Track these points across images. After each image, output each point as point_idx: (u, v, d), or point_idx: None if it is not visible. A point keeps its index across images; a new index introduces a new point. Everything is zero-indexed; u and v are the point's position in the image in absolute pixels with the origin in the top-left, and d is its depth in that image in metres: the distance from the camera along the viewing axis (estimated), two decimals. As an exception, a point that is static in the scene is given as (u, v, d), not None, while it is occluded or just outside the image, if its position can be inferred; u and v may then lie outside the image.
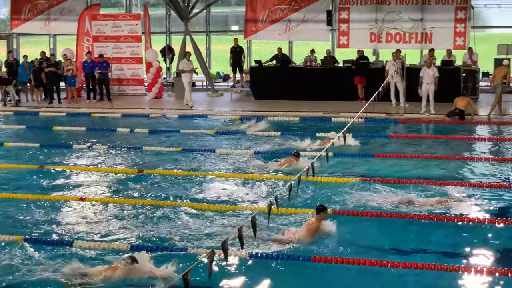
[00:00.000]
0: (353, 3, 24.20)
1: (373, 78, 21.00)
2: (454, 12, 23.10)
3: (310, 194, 12.55)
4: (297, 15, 24.67)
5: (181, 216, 11.59)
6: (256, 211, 10.94)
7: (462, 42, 23.09)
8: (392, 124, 19.35)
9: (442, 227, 10.83)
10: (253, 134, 18.22)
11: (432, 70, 20.15)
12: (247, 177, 13.98)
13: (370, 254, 9.84)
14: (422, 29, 23.47)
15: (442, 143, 16.69)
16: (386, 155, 15.42)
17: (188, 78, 22.39)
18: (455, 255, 9.84)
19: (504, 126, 18.64)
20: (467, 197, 12.25)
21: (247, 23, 25.35)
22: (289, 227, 10.70)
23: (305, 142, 16.74)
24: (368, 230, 10.80)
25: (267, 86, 23.14)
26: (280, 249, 9.89)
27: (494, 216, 11.26)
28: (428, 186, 12.99)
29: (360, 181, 13.30)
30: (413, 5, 23.50)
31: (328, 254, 9.75)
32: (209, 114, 21.30)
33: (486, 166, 14.49)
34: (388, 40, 23.92)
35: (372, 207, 11.82)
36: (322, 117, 20.05)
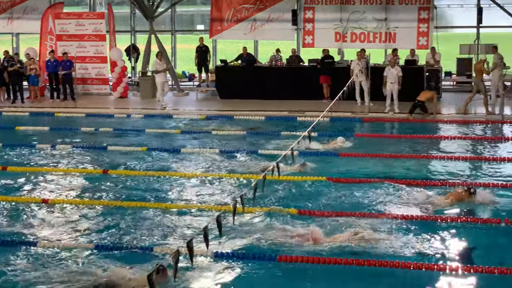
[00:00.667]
0: (318, 3, 24.31)
1: (338, 78, 21.13)
2: (417, 12, 23.34)
3: (275, 193, 12.58)
4: (263, 14, 24.70)
5: (146, 216, 11.54)
6: (222, 210, 10.96)
7: (425, 41, 23.34)
8: (357, 123, 19.49)
9: (408, 226, 10.94)
10: (219, 133, 18.22)
11: (396, 70, 20.35)
12: (213, 176, 13.97)
13: (335, 253, 9.90)
14: (386, 29, 23.67)
15: (406, 142, 16.85)
16: (351, 154, 15.53)
17: (162, 78, 22.19)
18: (420, 254, 9.95)
19: (467, 124, 18.88)
20: (431, 196, 12.42)
21: (213, 22, 25.31)
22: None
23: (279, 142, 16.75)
24: (333, 229, 10.85)
25: (233, 85, 23.14)
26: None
27: (456, 215, 11.42)
28: (392, 184, 13.12)
29: (325, 180, 13.40)
30: (377, 5, 23.69)
31: (294, 254, 9.80)
32: (174, 114, 21.22)
33: (448, 165, 14.68)
34: (353, 40, 24.07)
35: (336, 206, 11.90)
36: (288, 116, 20.13)
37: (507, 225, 10.82)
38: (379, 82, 20.70)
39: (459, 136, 17.45)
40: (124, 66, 24.93)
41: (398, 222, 10.98)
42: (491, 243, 10.28)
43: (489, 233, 10.62)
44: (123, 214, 11.64)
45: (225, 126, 19.23)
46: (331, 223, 10.93)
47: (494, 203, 11.70)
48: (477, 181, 13.30)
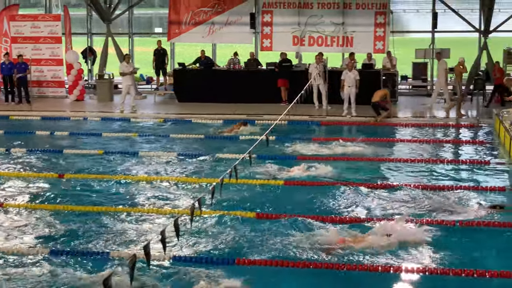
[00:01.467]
0: (276, 6, 24.38)
1: (296, 81, 21.23)
2: (374, 16, 23.58)
3: (233, 196, 12.58)
4: (221, 17, 24.68)
5: (102, 220, 11.43)
6: (179, 213, 10.93)
7: (381, 46, 23.58)
8: (315, 127, 19.59)
9: (363, 227, 11.03)
10: (177, 137, 18.15)
11: (353, 73, 20.52)
12: (171, 180, 13.91)
13: (292, 255, 9.94)
14: (344, 33, 23.86)
15: (364, 145, 16.99)
16: (309, 157, 15.60)
17: (129, 81, 21.89)
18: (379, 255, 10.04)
19: (423, 127, 19.13)
20: (391, 198, 12.56)
21: (171, 25, 25.20)
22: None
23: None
24: (291, 232, 10.89)
25: (191, 88, 23.07)
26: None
27: (413, 216, 11.56)
28: (349, 187, 13.22)
29: (283, 184, 13.45)
30: (335, 10, 23.86)
31: (251, 257, 9.81)
32: (132, 117, 21.06)
33: (407, 167, 14.85)
34: (311, 43, 24.20)
35: (294, 210, 11.96)
36: (246, 119, 20.12)
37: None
38: (336, 85, 20.85)
39: (415, 140, 17.65)
40: (80, 69, 24.66)
41: (358, 225, 11.09)
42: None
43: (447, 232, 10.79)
44: (79, 218, 11.51)
45: (183, 129, 19.16)
46: (286, 226, 10.97)
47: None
48: (425, 182, 13.50)
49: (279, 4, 24.33)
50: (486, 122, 19.20)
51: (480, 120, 19.37)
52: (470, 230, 10.85)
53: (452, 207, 11.95)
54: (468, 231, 10.78)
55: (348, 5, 23.77)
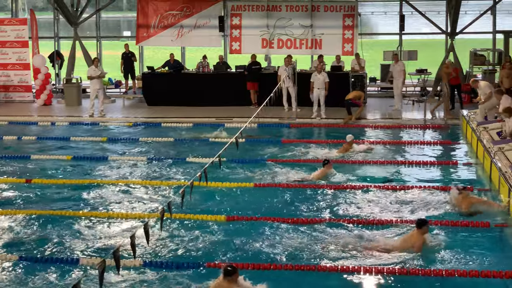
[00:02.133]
0: (245, 9, 24.39)
1: (265, 84, 21.23)
2: (342, 19, 23.71)
3: (203, 200, 12.55)
4: (189, 20, 24.61)
5: (72, 225, 11.34)
6: (149, 217, 10.87)
7: (350, 48, 23.72)
8: (285, 129, 19.63)
9: (331, 229, 11.09)
10: (146, 141, 18.05)
11: (323, 76, 20.61)
12: (140, 184, 13.84)
13: (263, 258, 9.95)
14: (312, 35, 23.95)
15: (334, 147, 17.07)
16: (279, 160, 15.63)
17: (96, 85, 21.66)
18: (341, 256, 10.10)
19: (391, 129, 19.26)
20: (360, 199, 12.65)
21: (139, 28, 25.07)
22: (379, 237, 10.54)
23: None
24: (262, 235, 10.90)
25: (160, 92, 22.96)
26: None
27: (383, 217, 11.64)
28: (319, 189, 13.28)
29: (253, 187, 13.47)
30: (303, 12, 23.95)
31: (223, 260, 9.80)
32: (100, 121, 20.89)
33: (378, 169, 14.94)
34: (280, 46, 24.26)
35: (266, 212, 11.98)
36: (216, 122, 20.11)
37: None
38: (306, 88, 20.91)
39: (384, 141, 17.76)
40: (47, 73, 24.41)
41: (325, 226, 11.14)
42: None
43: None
44: (48, 224, 11.39)
45: (153, 133, 19.08)
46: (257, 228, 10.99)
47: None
48: (394, 184, 13.62)
49: (248, 7, 24.36)
50: (453, 123, 19.40)
51: (448, 121, 19.58)
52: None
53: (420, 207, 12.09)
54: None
55: (317, 7, 23.88)
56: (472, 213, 11.53)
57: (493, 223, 11.18)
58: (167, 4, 24.95)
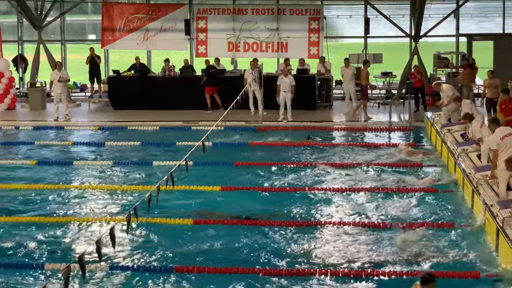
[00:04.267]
0: (211, 13, 24.36)
1: (231, 87, 21.19)
2: (307, 22, 23.80)
3: (170, 204, 12.51)
4: (155, 24, 24.49)
5: (37, 231, 11.21)
6: (115, 222, 10.80)
7: (316, 51, 23.81)
8: (251, 132, 19.64)
9: (296, 231, 11.14)
10: (112, 145, 17.93)
11: (289, 79, 20.67)
12: (106, 189, 13.75)
13: (230, 261, 9.95)
14: (278, 38, 24.00)
15: (301, 150, 17.14)
16: (246, 163, 15.64)
17: (59, 89, 21.38)
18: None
19: (359, 131, 19.39)
20: (325, 202, 12.73)
21: (104, 32, 24.87)
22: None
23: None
24: (229, 238, 10.91)
25: (126, 96, 22.78)
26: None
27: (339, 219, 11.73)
28: (286, 192, 13.34)
29: (221, 190, 13.47)
30: (269, 15, 23.99)
31: (190, 264, 9.78)
32: (66, 126, 20.68)
33: (342, 171, 15.03)
34: (246, 49, 24.27)
35: (233, 215, 11.99)
36: (182, 126, 20.05)
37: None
38: (272, 91, 20.95)
39: (350, 143, 17.85)
40: (11, 77, 24.08)
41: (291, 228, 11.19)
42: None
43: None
44: (12, 229, 11.26)
45: (119, 137, 18.96)
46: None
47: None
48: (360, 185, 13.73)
49: (214, 10, 24.34)
50: (417, 125, 19.60)
51: (412, 123, 19.77)
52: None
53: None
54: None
55: (282, 11, 23.95)
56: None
57: (457, 224, 11.34)
58: (133, 7, 24.80)
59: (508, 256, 9.45)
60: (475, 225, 11.29)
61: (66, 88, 21.91)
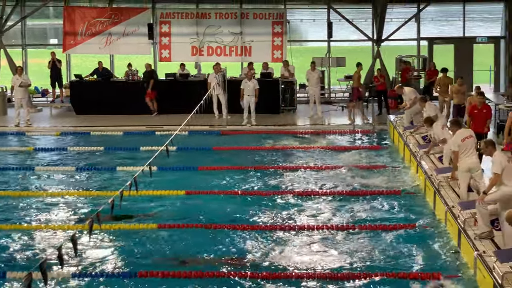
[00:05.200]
0: (174, 17, 24.30)
1: (195, 91, 21.11)
2: (271, 26, 23.89)
3: (134, 209, 12.44)
4: (118, 28, 24.34)
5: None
6: (77, 228, 10.69)
7: (279, 55, 23.92)
8: (215, 136, 19.61)
9: (268, 235, 11.16)
10: (74, 150, 17.76)
11: (253, 83, 20.70)
12: (68, 194, 13.61)
13: (195, 265, 9.93)
14: (242, 42, 24.04)
15: (266, 153, 17.16)
16: (210, 167, 15.61)
17: (19, 94, 21.07)
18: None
19: (320, 135, 19.46)
20: (288, 205, 12.77)
21: (66, 36, 24.64)
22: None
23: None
24: (194, 242, 10.89)
25: (89, 100, 22.58)
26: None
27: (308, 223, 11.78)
28: (250, 196, 13.36)
29: (184, 194, 13.43)
30: (233, 19, 24.02)
31: (154, 269, 9.73)
32: (27, 131, 20.41)
33: (306, 174, 15.09)
34: (210, 53, 24.25)
35: (198, 219, 11.97)
36: (146, 131, 19.94)
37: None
38: (236, 95, 20.96)
39: (314, 147, 17.92)
40: (-29, 82, 23.74)
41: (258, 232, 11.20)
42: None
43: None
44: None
45: (82, 142, 18.79)
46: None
47: None
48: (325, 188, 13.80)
49: (177, 14, 24.28)
50: (381, 128, 19.77)
51: (375, 126, 19.94)
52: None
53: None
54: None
55: (246, 15, 24.00)
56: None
57: (419, 226, 11.47)
58: (95, 11, 24.64)
59: (470, 256, 9.58)
60: (437, 226, 11.44)
61: (27, 93, 21.60)
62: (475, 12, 33.18)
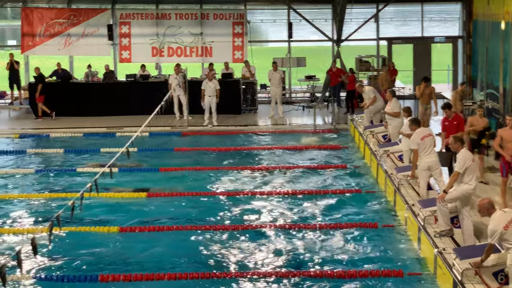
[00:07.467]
0: (134, 18, 24.16)
1: (156, 92, 21.00)
2: (231, 26, 23.91)
3: (95, 211, 12.33)
4: (77, 29, 24.10)
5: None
6: (37, 232, 10.56)
7: (240, 55, 23.95)
8: (177, 137, 19.54)
9: (221, 235, 11.17)
10: (34, 153, 17.52)
11: (214, 83, 20.67)
12: (28, 197, 13.43)
13: (157, 268, 9.88)
14: (202, 43, 24.01)
15: (229, 155, 17.14)
16: (171, 168, 15.55)
17: None
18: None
19: (282, 135, 19.54)
20: (254, 205, 12.79)
21: (24, 37, 24.32)
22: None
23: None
24: (156, 245, 10.83)
25: (48, 102, 22.27)
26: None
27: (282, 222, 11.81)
28: (211, 196, 13.35)
29: (146, 197, 13.36)
30: (193, 20, 23.98)
31: (115, 272, 9.66)
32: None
33: (269, 175, 15.13)
34: (170, 54, 24.17)
35: (160, 222, 11.93)
36: (106, 132, 19.77)
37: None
38: (197, 95, 20.91)
39: (276, 147, 17.97)
40: None
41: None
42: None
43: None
44: None
45: (41, 144, 18.55)
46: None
47: None
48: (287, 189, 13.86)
49: (137, 15, 24.15)
50: (342, 128, 19.90)
51: (336, 126, 20.07)
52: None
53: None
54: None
55: (206, 15, 23.97)
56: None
57: (380, 224, 11.58)
58: (53, 12, 24.36)
59: (430, 254, 9.70)
60: (397, 224, 11.57)
61: None
62: (433, 12, 33.60)
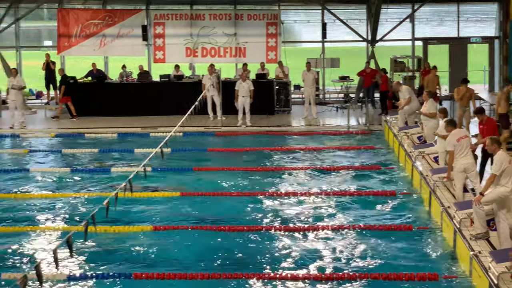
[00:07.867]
0: (168, 18, 24.30)
1: (190, 92, 21.06)
2: (265, 27, 23.91)
3: (129, 210, 12.41)
4: (112, 30, 24.32)
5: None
6: (72, 230, 10.66)
7: (274, 56, 23.94)
8: (210, 137, 19.59)
9: (262, 236, 11.15)
10: (70, 152, 17.70)
11: (247, 84, 20.68)
12: (65, 196, 13.57)
13: (192, 267, 9.90)
14: (236, 43, 24.05)
15: (262, 155, 17.12)
16: (205, 168, 15.58)
17: (13, 96, 21.01)
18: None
19: (316, 136, 19.46)
20: (291, 206, 12.77)
21: (60, 38, 24.60)
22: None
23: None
24: (190, 243, 10.86)
25: (83, 102, 22.53)
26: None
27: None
28: (246, 197, 13.34)
29: (179, 196, 13.40)
30: (227, 21, 24.04)
31: (149, 270, 9.71)
32: (21, 133, 20.36)
33: (304, 175, 15.07)
34: (204, 55, 24.25)
35: (193, 221, 11.96)
36: (141, 132, 19.90)
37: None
38: (231, 96, 20.95)
39: (310, 148, 17.90)
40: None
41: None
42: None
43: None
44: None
45: (76, 144, 18.73)
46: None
47: None
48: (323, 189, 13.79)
49: (171, 15, 24.28)
50: (376, 129, 19.76)
51: (370, 127, 19.93)
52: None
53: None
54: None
55: (240, 16, 24.00)
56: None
57: (415, 227, 11.46)
58: (89, 13, 24.60)
59: (466, 257, 9.58)
60: (432, 226, 11.44)
61: (21, 95, 21.50)
62: (469, 13, 33.20)
